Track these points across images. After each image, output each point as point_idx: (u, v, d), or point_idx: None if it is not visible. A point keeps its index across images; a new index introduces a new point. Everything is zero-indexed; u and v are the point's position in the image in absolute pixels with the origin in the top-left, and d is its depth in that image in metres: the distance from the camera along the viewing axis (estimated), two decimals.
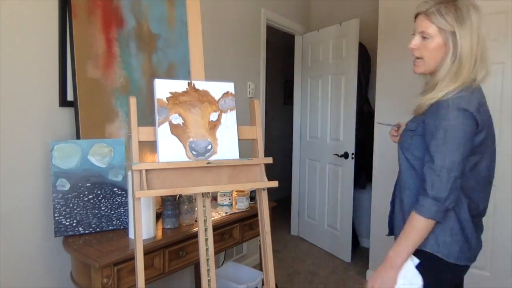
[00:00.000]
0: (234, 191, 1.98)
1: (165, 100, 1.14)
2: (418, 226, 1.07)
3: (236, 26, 2.73)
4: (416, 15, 1.16)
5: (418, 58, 1.17)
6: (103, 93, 1.71)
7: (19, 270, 1.54)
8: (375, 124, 2.79)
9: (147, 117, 1.69)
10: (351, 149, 3.11)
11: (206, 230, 1.20)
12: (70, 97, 1.66)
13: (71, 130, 1.67)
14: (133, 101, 1.10)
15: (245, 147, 1.29)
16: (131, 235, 1.50)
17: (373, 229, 2.81)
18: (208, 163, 1.16)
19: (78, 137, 1.62)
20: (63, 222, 1.51)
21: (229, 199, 1.99)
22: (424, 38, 1.13)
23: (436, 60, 1.13)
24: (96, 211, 1.58)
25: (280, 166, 3.16)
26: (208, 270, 1.20)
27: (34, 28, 1.55)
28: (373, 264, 2.83)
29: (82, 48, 1.65)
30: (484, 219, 1.26)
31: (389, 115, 2.67)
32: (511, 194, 2.31)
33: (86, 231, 1.55)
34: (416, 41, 1.15)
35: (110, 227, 1.60)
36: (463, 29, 1.07)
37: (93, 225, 1.57)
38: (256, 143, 1.28)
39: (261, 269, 2.13)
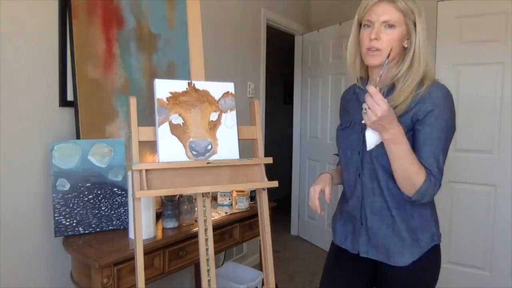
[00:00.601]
0: (234, 191, 1.98)
1: (165, 100, 1.14)
2: (409, 171, 1.02)
3: (236, 26, 2.73)
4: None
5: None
6: (103, 93, 1.71)
7: (19, 270, 1.54)
8: None
9: (147, 117, 1.69)
10: None
11: (206, 230, 1.20)
12: (70, 97, 1.66)
13: (71, 130, 1.67)
14: (133, 101, 1.10)
15: (245, 147, 1.29)
16: (131, 235, 1.50)
17: None
18: (208, 163, 1.16)
19: (78, 137, 1.62)
20: (63, 222, 1.51)
21: (229, 199, 1.99)
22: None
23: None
24: (96, 211, 1.58)
25: (280, 166, 3.15)
26: (208, 270, 1.20)
27: (34, 28, 1.55)
28: None
29: (82, 48, 1.65)
30: (484, 219, 1.25)
31: None
32: (511, 194, 2.31)
33: (86, 231, 1.55)
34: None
35: (110, 227, 1.60)
36: None
37: (93, 225, 1.57)
38: (256, 143, 1.28)
39: (261, 269, 2.13)
